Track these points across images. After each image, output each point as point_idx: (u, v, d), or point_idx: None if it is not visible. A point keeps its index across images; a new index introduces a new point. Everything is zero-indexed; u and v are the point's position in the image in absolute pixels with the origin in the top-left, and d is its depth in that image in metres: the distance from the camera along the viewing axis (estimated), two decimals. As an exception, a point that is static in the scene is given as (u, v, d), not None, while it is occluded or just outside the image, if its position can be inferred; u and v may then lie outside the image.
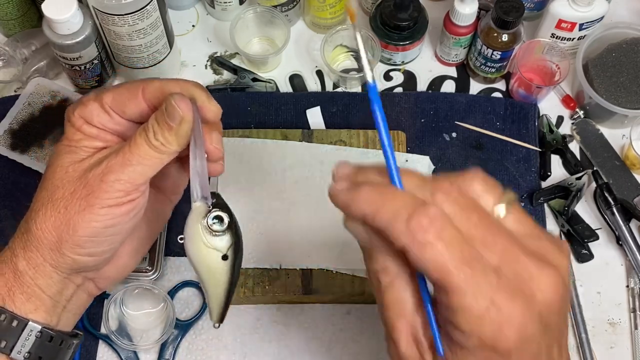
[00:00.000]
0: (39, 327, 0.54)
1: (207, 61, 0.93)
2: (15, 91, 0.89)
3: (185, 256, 0.83)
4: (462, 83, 0.93)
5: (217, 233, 0.54)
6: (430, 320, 0.42)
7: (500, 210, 0.43)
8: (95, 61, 0.83)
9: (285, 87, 0.92)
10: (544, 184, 0.86)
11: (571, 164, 0.87)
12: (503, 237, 0.41)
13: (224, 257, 0.55)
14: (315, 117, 0.88)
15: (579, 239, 0.81)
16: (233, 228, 0.54)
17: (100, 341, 0.77)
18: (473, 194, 0.43)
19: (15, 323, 0.53)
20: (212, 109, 0.56)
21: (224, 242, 0.54)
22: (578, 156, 0.88)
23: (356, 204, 0.43)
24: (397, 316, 0.44)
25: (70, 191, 0.53)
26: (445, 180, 0.42)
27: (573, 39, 0.89)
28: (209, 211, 0.53)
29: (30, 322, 0.54)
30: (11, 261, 0.54)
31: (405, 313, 0.43)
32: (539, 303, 0.41)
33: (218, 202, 0.54)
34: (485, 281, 0.39)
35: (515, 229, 0.43)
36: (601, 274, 0.82)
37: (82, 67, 0.83)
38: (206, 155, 0.54)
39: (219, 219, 0.54)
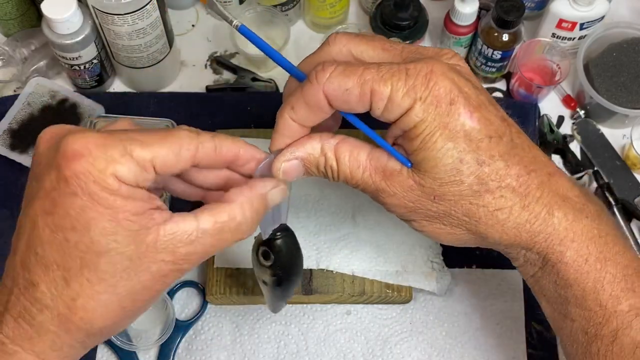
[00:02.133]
0: None
1: (207, 61, 0.93)
2: (14, 91, 0.89)
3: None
4: (462, 83, 0.93)
5: (262, 263, 0.59)
6: (382, 144, 0.53)
7: None
8: (95, 61, 0.83)
9: (285, 87, 0.91)
10: (545, 184, 0.86)
11: (572, 164, 0.87)
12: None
13: (264, 282, 0.61)
14: (315, 116, 0.87)
15: (579, 239, 0.81)
16: (277, 268, 0.58)
17: (100, 341, 0.77)
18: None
19: None
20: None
21: (266, 273, 0.59)
22: (579, 156, 0.88)
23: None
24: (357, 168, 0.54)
25: (141, 286, 0.46)
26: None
27: (574, 38, 0.89)
28: (262, 243, 0.58)
29: None
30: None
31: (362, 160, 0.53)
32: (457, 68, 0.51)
33: (275, 238, 0.58)
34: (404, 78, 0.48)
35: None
36: (602, 274, 0.82)
37: (82, 67, 0.83)
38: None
39: (266, 254, 0.58)
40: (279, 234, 0.58)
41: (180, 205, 0.82)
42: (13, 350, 0.45)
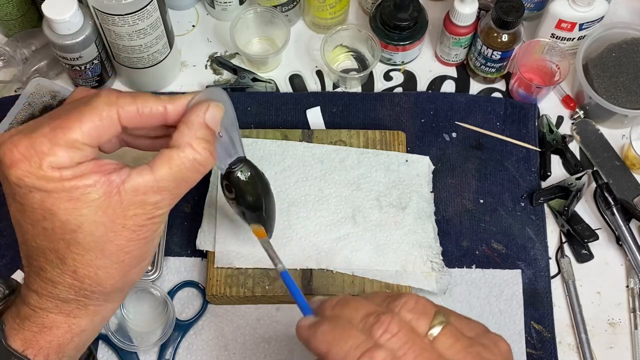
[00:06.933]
0: None
1: (207, 61, 0.93)
2: (15, 91, 0.89)
3: (185, 256, 0.83)
4: (462, 83, 0.93)
5: (228, 197, 0.64)
6: None
7: (434, 331, 0.48)
8: (96, 61, 0.83)
9: (285, 87, 0.92)
10: (544, 184, 0.86)
11: (571, 164, 0.87)
12: None
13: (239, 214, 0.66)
14: (315, 117, 0.88)
15: (579, 239, 0.81)
16: (241, 199, 0.62)
17: (100, 341, 0.77)
18: (405, 319, 0.47)
19: None
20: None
21: (234, 205, 0.64)
22: (578, 156, 0.88)
23: (314, 341, 0.47)
24: None
25: (125, 240, 0.50)
26: (386, 312, 0.47)
27: (573, 39, 0.89)
28: (223, 177, 0.62)
29: None
30: (60, 326, 0.52)
31: None
32: None
33: (232, 171, 0.61)
34: None
35: (451, 343, 0.47)
36: (601, 274, 0.82)
37: (83, 67, 0.83)
38: None
39: (229, 188, 0.62)
40: (234, 166, 0.60)
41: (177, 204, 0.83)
42: (45, 314, 0.52)
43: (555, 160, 0.88)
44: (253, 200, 0.63)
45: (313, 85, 0.92)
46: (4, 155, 0.48)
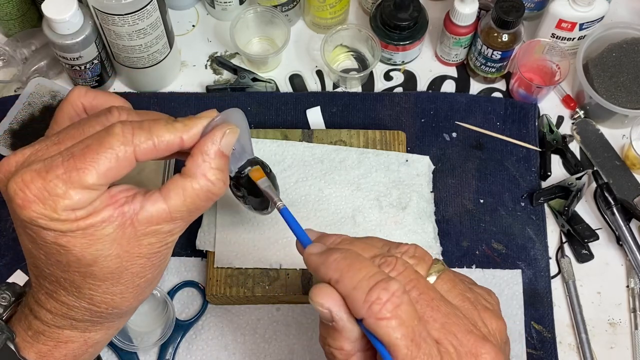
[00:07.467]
0: None
1: (207, 61, 0.93)
2: (15, 91, 0.89)
3: (185, 256, 0.83)
4: (462, 83, 0.93)
5: (237, 194, 0.62)
6: None
7: (432, 278, 0.50)
8: (96, 61, 0.83)
9: (285, 87, 0.92)
10: (544, 184, 0.86)
11: (571, 164, 0.87)
12: (442, 313, 0.46)
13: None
14: (315, 117, 0.88)
15: (579, 239, 0.81)
16: (249, 199, 0.62)
17: (100, 341, 0.77)
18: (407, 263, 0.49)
19: None
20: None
21: (242, 202, 0.63)
22: (578, 156, 0.88)
23: (324, 267, 0.47)
24: None
25: (140, 267, 0.51)
26: (391, 254, 0.48)
27: (573, 38, 0.89)
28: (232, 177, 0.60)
29: None
30: (76, 340, 0.54)
31: None
32: None
33: (241, 175, 0.60)
34: (428, 358, 0.44)
35: (448, 288, 0.49)
36: (601, 274, 0.82)
37: (82, 67, 0.83)
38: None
39: (237, 187, 0.61)
40: (244, 170, 0.60)
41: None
42: (60, 331, 0.53)
43: (556, 160, 0.88)
44: (261, 199, 0.63)
45: (313, 85, 0.92)
46: (15, 194, 0.46)
